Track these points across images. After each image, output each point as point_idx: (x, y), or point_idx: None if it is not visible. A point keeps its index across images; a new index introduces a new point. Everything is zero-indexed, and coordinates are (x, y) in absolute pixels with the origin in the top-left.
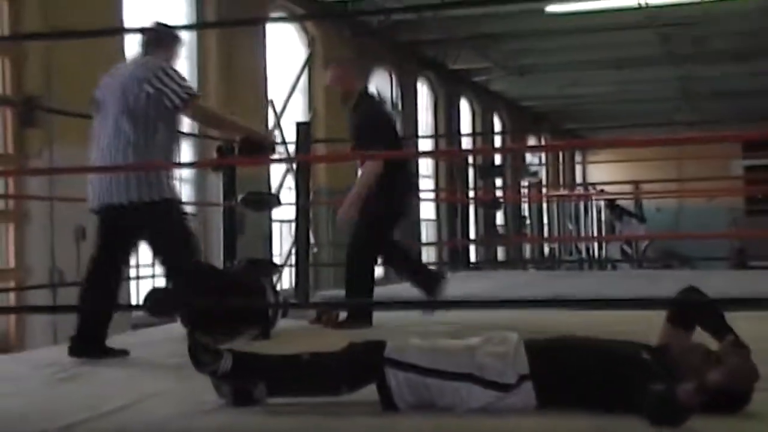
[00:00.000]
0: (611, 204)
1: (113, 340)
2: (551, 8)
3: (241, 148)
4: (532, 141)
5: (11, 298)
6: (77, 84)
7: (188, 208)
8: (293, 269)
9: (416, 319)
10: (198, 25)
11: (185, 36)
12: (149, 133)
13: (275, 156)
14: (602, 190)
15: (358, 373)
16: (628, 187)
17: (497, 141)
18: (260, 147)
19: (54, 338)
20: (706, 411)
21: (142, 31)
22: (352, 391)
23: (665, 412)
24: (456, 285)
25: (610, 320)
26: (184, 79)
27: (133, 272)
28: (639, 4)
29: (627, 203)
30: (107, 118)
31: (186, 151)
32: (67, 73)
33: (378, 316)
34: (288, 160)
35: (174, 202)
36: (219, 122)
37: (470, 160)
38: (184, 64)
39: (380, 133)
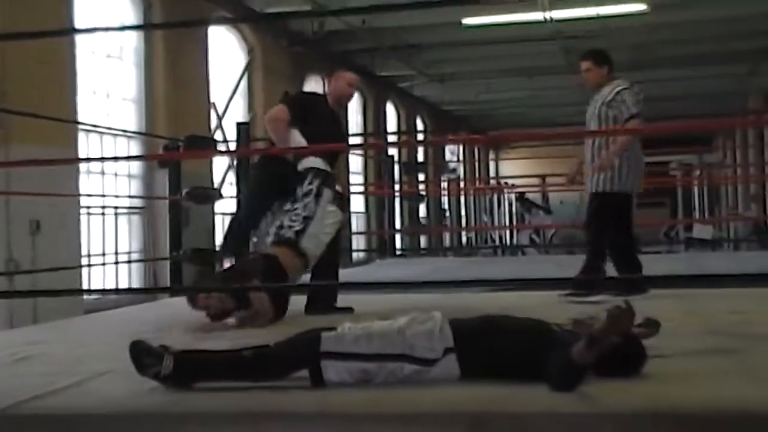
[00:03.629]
0: (521, 197)
1: (66, 324)
2: (468, 21)
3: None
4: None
5: None
6: (31, 85)
7: (137, 202)
8: (234, 258)
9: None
10: (143, 26)
11: (133, 41)
12: None
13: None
14: (513, 185)
15: (297, 368)
16: (536, 182)
17: (421, 145)
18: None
19: (10, 323)
20: (602, 376)
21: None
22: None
23: (560, 376)
24: (384, 271)
25: (521, 302)
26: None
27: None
28: (545, 18)
29: (535, 197)
30: None
31: (134, 148)
32: (20, 75)
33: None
34: (229, 153)
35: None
36: None
37: (396, 158)
38: (131, 69)
39: None
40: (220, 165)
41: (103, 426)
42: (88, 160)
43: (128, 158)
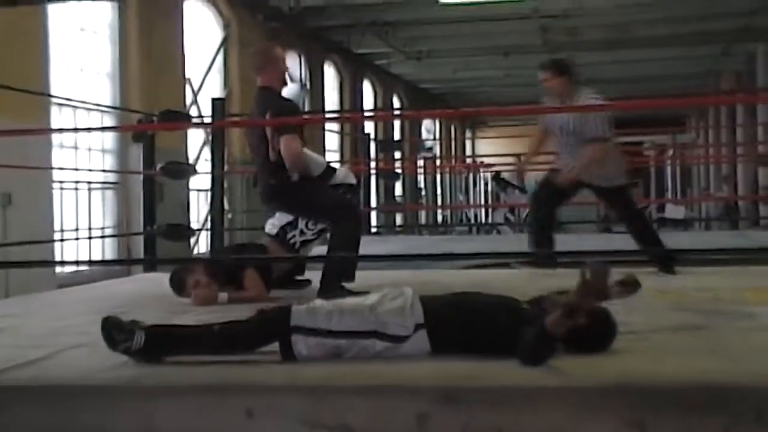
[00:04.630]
0: (496, 176)
1: (39, 297)
2: None
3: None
4: (427, 120)
5: None
6: (1, 58)
7: (111, 177)
8: (209, 234)
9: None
10: None
11: (107, 15)
12: None
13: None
14: (489, 164)
15: (267, 341)
16: (512, 161)
17: (396, 119)
18: None
19: None
20: (573, 352)
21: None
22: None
23: (532, 347)
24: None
25: (493, 278)
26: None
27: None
28: None
29: (510, 176)
30: None
31: (108, 123)
32: None
33: None
34: (204, 125)
35: None
36: None
37: (372, 135)
38: (105, 43)
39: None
40: (195, 141)
41: (73, 398)
42: (60, 130)
43: (102, 129)
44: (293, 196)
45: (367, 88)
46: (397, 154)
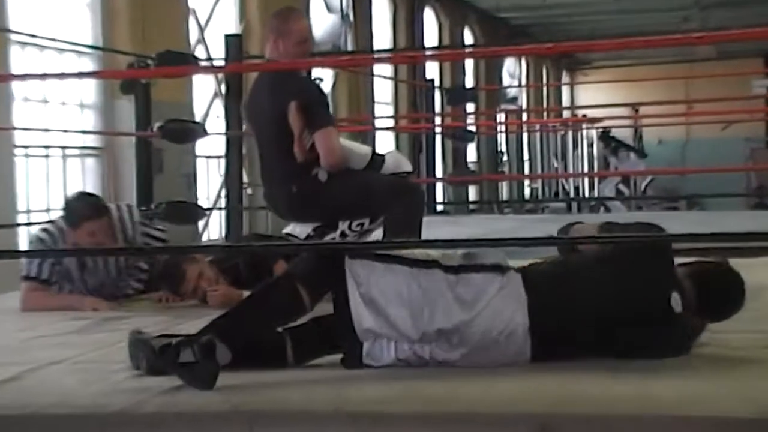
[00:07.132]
0: (605, 135)
1: (2, 299)
2: None
3: None
4: (510, 61)
5: None
6: None
7: (93, 140)
8: (223, 214)
9: None
10: None
11: None
12: None
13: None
14: (594, 118)
15: (324, 275)
16: (625, 114)
17: (469, 61)
18: None
19: None
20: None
21: None
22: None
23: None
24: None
25: None
26: None
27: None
28: None
29: (624, 134)
30: None
31: (88, 68)
32: None
33: None
34: (215, 69)
35: None
36: None
37: (437, 82)
38: None
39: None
40: (203, 92)
41: (53, 428)
42: (24, 77)
43: (80, 75)
44: (325, 200)
45: (429, 19)
46: (471, 107)
